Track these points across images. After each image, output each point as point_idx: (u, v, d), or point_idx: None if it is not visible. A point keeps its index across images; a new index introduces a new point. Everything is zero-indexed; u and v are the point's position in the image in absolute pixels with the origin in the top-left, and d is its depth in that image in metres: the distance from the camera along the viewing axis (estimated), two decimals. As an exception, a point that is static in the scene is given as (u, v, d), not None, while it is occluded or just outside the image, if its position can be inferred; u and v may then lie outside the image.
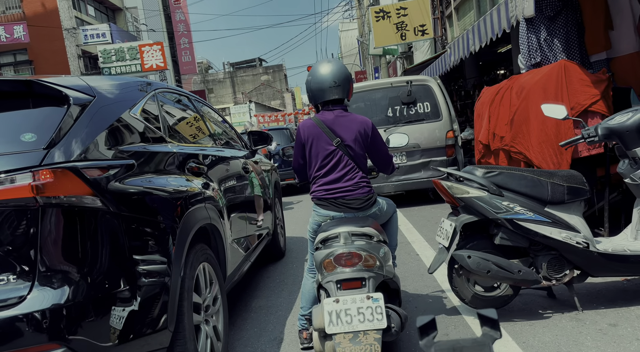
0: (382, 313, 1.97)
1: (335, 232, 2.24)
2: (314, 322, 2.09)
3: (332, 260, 2.15)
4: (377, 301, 1.99)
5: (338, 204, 2.45)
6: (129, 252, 1.83)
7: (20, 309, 1.53)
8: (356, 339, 1.94)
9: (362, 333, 1.95)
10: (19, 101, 1.87)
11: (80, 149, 1.78)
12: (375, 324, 1.95)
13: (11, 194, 1.58)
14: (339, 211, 2.45)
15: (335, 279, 2.11)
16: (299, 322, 2.68)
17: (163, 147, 2.40)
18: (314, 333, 2.16)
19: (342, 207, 2.44)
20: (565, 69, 3.84)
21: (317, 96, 2.53)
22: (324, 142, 2.47)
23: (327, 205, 2.46)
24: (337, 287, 2.10)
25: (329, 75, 2.47)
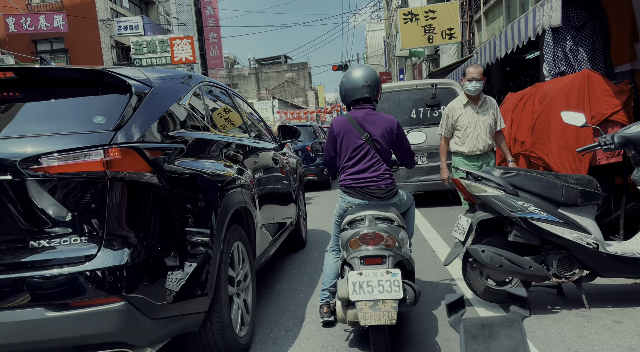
0: (399, 286, 2.24)
1: (362, 215, 2.53)
2: (338, 292, 2.36)
3: (358, 239, 2.43)
4: (395, 275, 2.26)
5: (363, 192, 2.70)
6: (179, 225, 2.07)
7: (89, 266, 1.78)
8: (376, 307, 2.21)
9: (381, 302, 2.21)
10: (90, 88, 2.13)
11: (140, 132, 2.03)
12: (393, 294, 2.22)
13: (85, 167, 1.83)
14: (364, 199, 2.70)
15: (360, 256, 2.39)
16: (320, 297, 2.93)
17: (207, 135, 2.65)
18: (337, 303, 2.46)
19: (366, 195, 2.70)
20: (588, 78, 3.95)
21: (350, 95, 2.78)
22: (354, 136, 2.72)
23: (354, 193, 2.72)
24: (360, 263, 2.38)
25: (361, 76, 2.75)
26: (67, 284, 1.76)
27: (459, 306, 1.04)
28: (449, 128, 4.09)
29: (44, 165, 1.79)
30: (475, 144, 3.97)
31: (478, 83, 3.86)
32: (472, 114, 3.97)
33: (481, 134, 3.95)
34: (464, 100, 4.01)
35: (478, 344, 0.95)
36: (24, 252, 1.79)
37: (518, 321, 0.98)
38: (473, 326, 0.97)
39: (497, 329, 0.97)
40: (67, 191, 1.82)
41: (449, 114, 4.05)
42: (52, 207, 1.81)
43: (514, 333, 0.96)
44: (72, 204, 1.82)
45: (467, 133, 3.98)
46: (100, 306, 1.78)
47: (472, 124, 3.96)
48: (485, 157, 4.04)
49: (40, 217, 1.80)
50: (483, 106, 4.00)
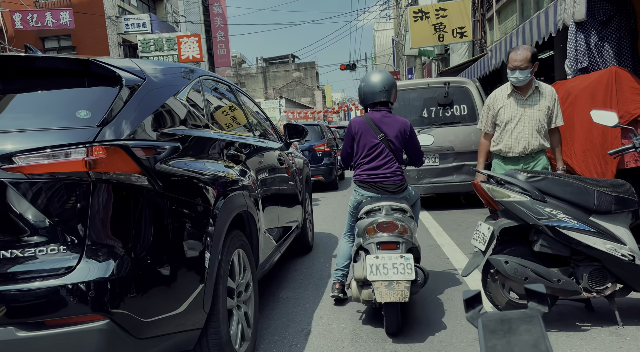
0: (412, 268, 2.53)
1: (379, 205, 2.83)
2: (355, 274, 2.67)
3: (375, 227, 2.72)
4: (408, 259, 2.55)
5: (377, 187, 2.97)
6: (172, 232, 1.86)
7: (67, 279, 1.58)
8: (390, 286, 2.50)
9: (395, 282, 2.50)
10: (75, 79, 1.92)
11: (130, 129, 1.82)
12: (406, 276, 2.51)
13: (65, 167, 1.62)
14: (377, 192, 2.96)
15: (376, 241, 2.67)
16: (333, 276, 3.26)
17: (206, 133, 2.43)
18: (353, 283, 2.75)
19: (380, 189, 2.96)
20: (616, 75, 3.70)
21: (368, 98, 3.03)
22: (371, 136, 2.98)
23: (368, 187, 2.99)
24: (377, 247, 2.65)
25: (379, 81, 2.98)
26: (42, 299, 1.55)
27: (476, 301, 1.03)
28: (489, 122, 3.37)
29: (18, 164, 1.59)
30: (513, 144, 3.25)
31: (522, 73, 3.08)
32: (515, 107, 3.23)
33: (523, 132, 3.21)
34: (508, 90, 3.27)
35: (497, 339, 0.95)
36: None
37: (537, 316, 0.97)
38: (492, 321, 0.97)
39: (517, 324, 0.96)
40: (45, 194, 1.62)
41: (490, 104, 3.34)
42: (27, 212, 1.60)
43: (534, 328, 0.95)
44: (49, 209, 1.62)
45: (507, 129, 3.26)
46: (80, 325, 1.56)
47: (514, 119, 3.22)
48: (528, 161, 3.26)
49: (13, 223, 1.60)
50: (533, 97, 3.22)
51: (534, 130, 3.20)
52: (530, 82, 3.17)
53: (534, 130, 3.20)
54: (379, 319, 2.92)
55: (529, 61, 3.07)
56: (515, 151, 3.23)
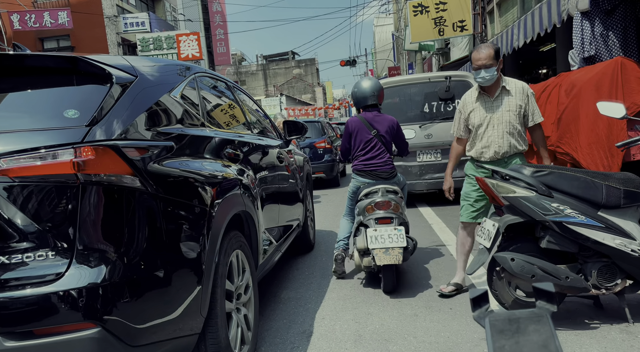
0: (404, 238, 3.19)
1: (376, 189, 3.48)
2: (357, 245, 3.35)
3: (373, 206, 3.38)
4: (401, 231, 3.21)
5: (372, 174, 3.60)
6: (166, 235, 1.79)
7: (57, 286, 1.51)
8: (387, 252, 3.14)
9: (391, 249, 3.14)
10: (63, 77, 1.86)
11: (121, 128, 1.75)
12: (399, 243, 3.15)
13: (52, 169, 1.56)
14: (372, 179, 3.60)
15: (374, 217, 3.34)
16: (335, 248, 3.76)
17: (201, 131, 2.36)
18: (355, 254, 3.41)
19: (374, 176, 3.60)
20: (622, 66, 3.62)
21: (361, 102, 3.67)
22: (365, 132, 3.59)
23: (365, 175, 3.63)
24: (375, 222, 3.32)
25: (369, 88, 3.63)
26: (30, 307, 1.49)
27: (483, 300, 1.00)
28: (461, 127, 3.17)
29: (3, 167, 1.52)
30: (484, 149, 3.02)
31: (488, 72, 2.88)
32: (484, 110, 3.02)
33: (493, 136, 2.97)
34: (476, 92, 3.07)
35: (505, 339, 0.92)
36: (-23, 272, 1.52)
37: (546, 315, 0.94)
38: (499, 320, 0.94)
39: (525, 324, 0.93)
40: (32, 198, 1.55)
41: (461, 109, 3.15)
42: (13, 217, 1.54)
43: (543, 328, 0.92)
44: (37, 213, 1.55)
45: (478, 134, 3.05)
46: (71, 334, 1.50)
47: (483, 123, 3.01)
48: (500, 165, 2.97)
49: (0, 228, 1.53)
50: (501, 98, 2.99)
51: (504, 133, 2.96)
52: (497, 82, 2.98)
53: (504, 133, 2.96)
54: (382, 317, 2.86)
55: (493, 58, 2.89)
56: (486, 156, 3.02)
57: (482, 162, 3.05)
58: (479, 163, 3.07)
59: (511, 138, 2.97)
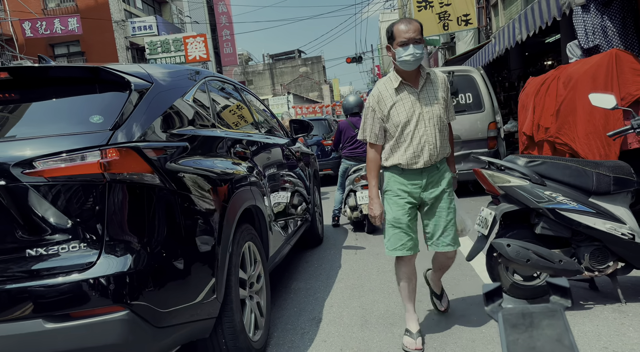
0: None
1: (360, 166, 5.33)
2: (349, 204, 5.31)
3: (360, 177, 5.23)
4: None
5: (356, 159, 5.53)
6: (184, 228, 1.97)
7: (89, 273, 1.69)
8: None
9: None
10: (87, 86, 2.04)
11: (140, 131, 1.93)
12: None
13: (82, 170, 1.74)
14: (356, 161, 5.52)
15: (361, 185, 5.16)
16: (333, 211, 5.78)
17: (213, 132, 2.53)
18: (347, 210, 5.37)
19: (357, 160, 5.51)
20: (616, 58, 3.71)
21: (348, 110, 5.81)
22: (350, 130, 5.58)
23: (351, 158, 5.59)
24: (361, 188, 5.12)
25: (354, 102, 5.78)
26: (66, 293, 1.67)
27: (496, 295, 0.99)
28: (376, 128, 2.45)
29: (38, 169, 1.70)
30: (416, 153, 2.39)
31: (418, 48, 2.29)
32: (410, 104, 2.38)
33: (426, 136, 2.38)
34: (395, 82, 2.40)
35: (519, 333, 0.92)
36: (20, 262, 1.70)
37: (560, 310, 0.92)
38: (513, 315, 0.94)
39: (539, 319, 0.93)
40: (64, 196, 1.73)
41: (374, 105, 2.44)
42: (48, 213, 1.72)
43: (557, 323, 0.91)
44: (69, 209, 1.73)
45: (405, 134, 2.39)
46: (102, 316, 1.68)
47: (412, 120, 2.38)
48: (432, 172, 2.44)
49: (36, 223, 1.72)
50: (427, 88, 2.42)
51: (437, 130, 2.40)
52: (418, 69, 2.41)
53: (436, 131, 2.40)
54: (387, 304, 3.02)
55: (420, 33, 2.33)
56: (420, 162, 2.39)
57: (412, 171, 2.42)
58: (405, 172, 2.43)
59: (442, 137, 2.43)
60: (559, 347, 0.92)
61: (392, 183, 2.48)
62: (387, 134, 2.47)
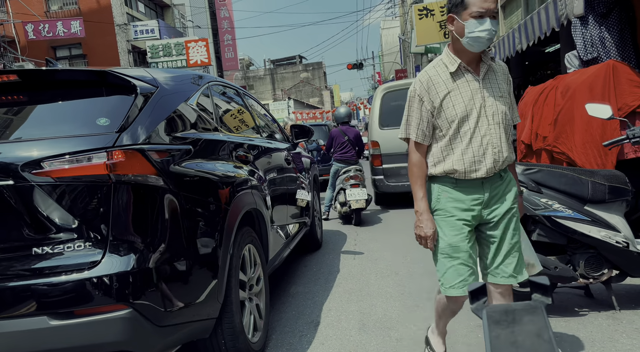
0: (365, 194, 5.91)
1: (349, 168, 6.30)
2: (339, 200, 6.15)
3: (349, 177, 6.11)
4: (364, 190, 5.94)
5: (345, 162, 6.46)
6: (186, 229, 2.00)
7: (93, 272, 1.73)
8: (357, 202, 5.87)
9: (360, 200, 5.88)
10: (94, 89, 2.08)
11: (145, 134, 1.97)
12: (364, 197, 5.90)
13: (88, 170, 1.78)
14: (345, 164, 6.45)
15: (350, 184, 6.00)
16: (325, 207, 6.55)
17: (215, 136, 2.58)
18: (338, 205, 6.21)
19: (346, 163, 6.46)
20: (613, 69, 3.77)
21: (339, 120, 6.69)
22: (341, 137, 6.48)
23: (341, 161, 6.48)
24: (350, 186, 5.97)
25: (344, 113, 6.69)
26: (71, 291, 1.71)
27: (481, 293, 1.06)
28: (424, 123, 1.90)
29: (46, 169, 1.75)
30: (477, 157, 1.86)
31: (495, 24, 1.80)
32: (470, 93, 1.86)
33: (491, 135, 1.86)
34: (451, 65, 1.88)
35: (501, 329, 0.97)
36: (26, 259, 1.74)
37: (541, 307, 1.00)
38: (496, 312, 0.99)
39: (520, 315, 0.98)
40: (70, 196, 1.77)
41: (423, 94, 1.89)
42: (55, 213, 1.76)
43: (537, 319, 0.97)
44: (75, 209, 1.77)
45: (463, 133, 1.86)
46: (106, 314, 1.72)
47: (471, 115, 1.85)
48: (496, 184, 1.91)
49: (43, 222, 1.76)
50: (490, 77, 1.91)
51: (502, 130, 1.88)
52: (484, 53, 1.90)
53: (501, 131, 1.88)
54: (384, 308, 3.05)
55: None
56: (481, 170, 1.84)
57: (469, 182, 1.87)
58: (461, 184, 1.88)
59: (507, 139, 1.91)
60: (539, 341, 0.97)
61: (445, 199, 1.90)
62: (436, 131, 1.90)
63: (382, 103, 6.93)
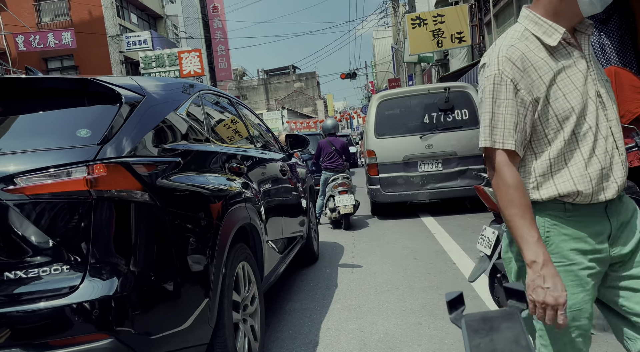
0: (353, 200, 6.33)
1: (337, 176, 6.64)
2: (329, 207, 6.58)
3: (337, 184, 6.46)
4: (352, 196, 6.36)
5: (333, 170, 6.75)
6: (175, 248, 1.86)
7: (71, 298, 1.57)
8: (346, 207, 6.26)
9: (348, 205, 6.28)
10: (75, 98, 1.94)
11: (130, 146, 1.83)
12: (351, 202, 6.30)
13: (67, 186, 1.63)
14: (333, 172, 6.74)
15: (338, 191, 6.39)
16: (317, 213, 6.58)
17: (206, 147, 2.44)
18: (328, 211, 6.62)
19: (334, 171, 6.75)
20: (615, 75, 3.69)
21: (326, 131, 7.02)
22: (328, 148, 6.78)
23: (330, 170, 6.76)
24: (339, 193, 6.37)
25: (331, 125, 7.03)
26: (46, 320, 1.55)
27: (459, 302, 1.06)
28: (520, 123, 1.27)
29: (20, 185, 1.60)
30: (606, 169, 1.28)
31: None
32: (582, 76, 1.28)
33: (615, 135, 1.30)
34: (549, 37, 1.27)
35: (480, 338, 0.99)
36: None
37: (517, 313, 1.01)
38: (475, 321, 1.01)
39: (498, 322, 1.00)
40: (47, 214, 1.62)
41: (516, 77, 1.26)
42: (30, 233, 1.61)
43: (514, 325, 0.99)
44: (52, 229, 1.62)
45: (583, 135, 1.27)
46: (85, 345, 1.56)
47: (589, 106, 1.27)
48: (619, 207, 1.33)
49: (16, 244, 1.60)
50: (592, 58, 1.35)
51: (620, 127, 1.34)
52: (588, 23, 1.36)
53: (620, 128, 1.33)
54: (386, 326, 2.90)
55: None
56: (611, 188, 1.29)
57: (590, 208, 1.29)
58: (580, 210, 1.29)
59: None
60: (517, 348, 0.98)
61: (557, 238, 1.30)
62: (537, 134, 1.31)
63: (377, 111, 6.83)
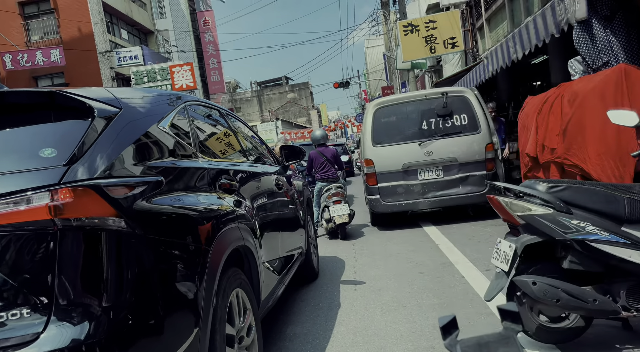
0: (348, 210, 6.29)
1: (331, 186, 6.62)
2: (325, 217, 6.48)
3: (331, 194, 6.46)
4: (346, 206, 6.34)
5: (326, 180, 6.74)
6: (157, 281, 1.62)
7: (33, 348, 1.34)
8: (341, 217, 6.24)
9: (343, 215, 6.25)
10: (40, 114, 1.72)
11: (104, 165, 1.61)
12: (346, 212, 6.27)
13: (26, 216, 1.40)
14: (327, 182, 6.72)
15: (333, 200, 6.38)
16: (315, 223, 6.13)
17: (193, 163, 2.22)
18: (323, 222, 6.52)
19: (327, 181, 6.74)
20: (625, 73, 3.51)
21: (316, 142, 6.98)
22: (319, 158, 6.78)
23: (323, 180, 6.76)
24: (333, 203, 6.34)
25: (320, 135, 7.07)
26: (3, 375, 1.31)
27: (452, 327, 1.07)
28: None
29: (-31, 216, 1.36)
30: None
31: None
32: None
33: None
34: None
35: None
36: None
37: (513, 336, 1.07)
38: (470, 346, 1.03)
39: (494, 347, 1.02)
40: (3, 249, 1.39)
41: None
42: (-18, 272, 1.37)
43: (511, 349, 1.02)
44: (9, 266, 1.39)
45: None
46: (49, 403, 1.32)
47: None
48: None
49: (-34, 286, 1.36)
50: None
51: None
52: None
53: None
54: (393, 349, 2.66)
55: None
56: None
57: None
58: None
59: None
60: None
61: None
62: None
63: (374, 119, 6.63)
